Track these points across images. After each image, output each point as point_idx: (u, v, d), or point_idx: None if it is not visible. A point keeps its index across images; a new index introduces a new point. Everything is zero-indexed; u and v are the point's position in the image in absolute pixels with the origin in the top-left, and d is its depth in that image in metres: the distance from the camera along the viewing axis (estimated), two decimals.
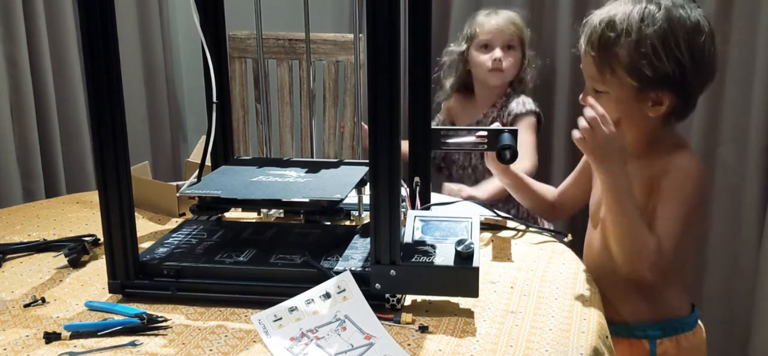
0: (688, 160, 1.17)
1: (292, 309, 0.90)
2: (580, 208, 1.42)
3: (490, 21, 1.93)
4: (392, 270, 0.89)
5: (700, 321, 1.28)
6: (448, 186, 1.80)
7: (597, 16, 1.17)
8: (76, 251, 1.10)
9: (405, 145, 1.02)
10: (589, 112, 1.11)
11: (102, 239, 0.96)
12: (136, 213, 0.98)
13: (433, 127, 1.19)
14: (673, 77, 1.12)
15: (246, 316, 0.92)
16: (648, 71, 1.12)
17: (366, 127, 0.99)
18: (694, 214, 1.17)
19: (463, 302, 0.95)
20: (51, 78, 1.91)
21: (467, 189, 1.76)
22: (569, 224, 1.88)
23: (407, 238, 0.96)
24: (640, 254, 1.11)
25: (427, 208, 1.19)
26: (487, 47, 1.92)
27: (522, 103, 1.92)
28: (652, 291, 1.21)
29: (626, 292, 1.21)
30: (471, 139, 1.22)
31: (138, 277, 0.97)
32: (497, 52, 1.89)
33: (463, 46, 1.98)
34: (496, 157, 1.21)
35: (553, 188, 1.45)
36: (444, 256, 0.91)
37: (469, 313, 0.93)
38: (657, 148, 1.20)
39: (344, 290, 0.91)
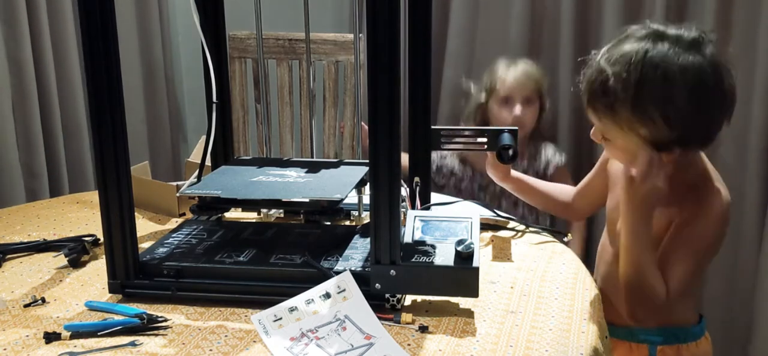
0: (712, 202, 1.11)
1: (292, 309, 0.90)
2: (598, 209, 1.38)
3: (510, 76, 1.92)
4: (392, 270, 0.89)
5: (707, 333, 1.25)
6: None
7: (594, 69, 1.10)
8: (76, 251, 1.10)
9: (404, 157, 1.02)
10: (651, 156, 1.04)
11: (102, 239, 0.96)
12: (136, 213, 0.98)
13: (433, 128, 1.19)
14: (679, 136, 1.05)
15: (246, 316, 0.92)
16: (649, 136, 1.06)
17: (366, 127, 0.99)
18: (712, 250, 1.14)
19: (463, 302, 0.95)
20: (54, 78, 1.91)
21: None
22: (568, 224, 1.88)
23: (407, 238, 0.96)
24: (647, 297, 1.10)
25: (427, 208, 1.19)
26: (507, 101, 1.91)
27: (555, 153, 1.95)
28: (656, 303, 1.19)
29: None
30: (471, 139, 1.22)
31: (138, 277, 0.97)
32: (517, 109, 1.89)
33: (483, 97, 1.97)
34: (496, 157, 1.21)
35: (569, 187, 1.43)
36: (444, 256, 0.91)
37: (469, 313, 0.93)
38: (679, 177, 1.11)
39: (344, 290, 0.91)
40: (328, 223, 1.16)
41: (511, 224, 1.27)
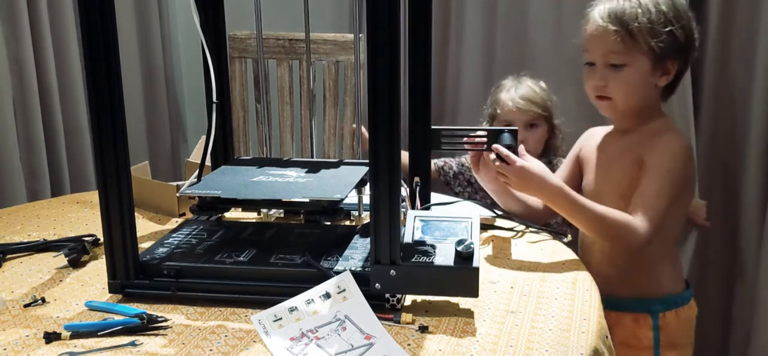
0: (672, 139, 1.25)
1: (292, 309, 0.90)
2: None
3: (510, 101, 1.80)
4: (392, 270, 0.89)
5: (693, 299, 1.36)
6: None
7: (630, 6, 1.24)
8: (76, 251, 1.10)
9: (404, 156, 1.01)
10: (496, 156, 1.16)
11: (102, 239, 0.96)
12: (136, 213, 0.98)
13: (433, 128, 1.19)
14: (683, 44, 1.24)
15: (246, 316, 0.92)
16: (666, 40, 1.22)
17: (365, 132, 0.99)
18: (678, 190, 1.22)
19: (463, 302, 0.95)
20: (55, 77, 1.91)
21: None
22: (568, 224, 1.88)
23: (407, 238, 0.96)
24: (626, 235, 1.16)
25: (427, 208, 1.19)
26: (509, 126, 1.77)
27: None
28: (649, 268, 1.30)
29: (626, 271, 1.29)
30: (471, 139, 1.22)
31: (138, 277, 0.97)
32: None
33: (486, 122, 1.88)
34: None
35: None
36: (444, 256, 0.91)
37: (469, 313, 0.93)
38: (647, 123, 1.28)
39: (344, 290, 0.91)
40: (328, 223, 1.16)
41: (511, 224, 1.27)
